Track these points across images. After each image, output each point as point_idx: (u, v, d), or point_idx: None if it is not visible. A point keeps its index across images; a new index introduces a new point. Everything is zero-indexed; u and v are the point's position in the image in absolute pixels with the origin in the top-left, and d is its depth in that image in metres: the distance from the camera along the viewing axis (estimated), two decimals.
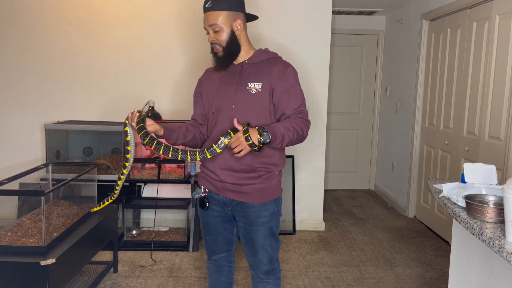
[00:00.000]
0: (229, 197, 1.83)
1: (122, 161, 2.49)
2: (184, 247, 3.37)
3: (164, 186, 3.69)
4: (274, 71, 1.79)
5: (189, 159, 1.71)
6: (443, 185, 1.79)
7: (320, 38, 3.69)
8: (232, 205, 1.84)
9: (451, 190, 1.73)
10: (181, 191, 3.76)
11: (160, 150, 1.67)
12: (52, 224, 2.41)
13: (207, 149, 1.69)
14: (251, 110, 1.77)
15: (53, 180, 2.84)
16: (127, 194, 3.53)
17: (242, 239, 1.91)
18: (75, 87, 3.70)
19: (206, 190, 1.88)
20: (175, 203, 3.58)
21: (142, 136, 1.65)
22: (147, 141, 1.65)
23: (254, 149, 1.64)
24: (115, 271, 2.96)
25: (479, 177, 1.79)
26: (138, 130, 1.66)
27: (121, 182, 1.87)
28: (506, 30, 2.87)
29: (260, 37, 3.58)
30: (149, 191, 3.72)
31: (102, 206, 2.03)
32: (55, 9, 3.61)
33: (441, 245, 3.59)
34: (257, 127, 1.66)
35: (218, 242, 1.96)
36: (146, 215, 3.77)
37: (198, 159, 1.71)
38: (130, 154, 1.76)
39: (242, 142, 1.62)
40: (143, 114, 1.70)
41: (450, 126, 3.63)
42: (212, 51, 1.83)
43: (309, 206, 3.90)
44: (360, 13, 4.93)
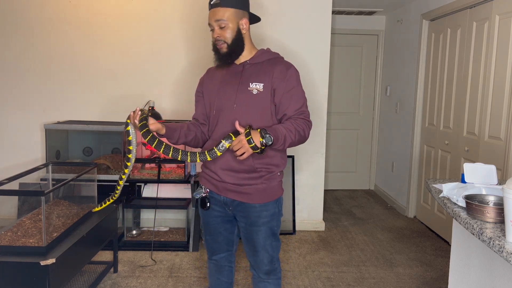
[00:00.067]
0: (230, 197, 1.82)
1: (123, 161, 2.49)
2: (184, 247, 3.37)
3: (164, 186, 3.69)
4: (276, 72, 1.78)
5: (188, 160, 1.71)
6: (443, 185, 1.79)
7: (320, 38, 3.69)
8: (233, 205, 1.84)
9: (451, 190, 1.73)
10: (181, 191, 3.76)
11: (160, 149, 1.67)
12: (52, 224, 2.41)
13: (208, 151, 1.68)
14: (253, 111, 1.77)
15: (53, 180, 2.84)
16: (127, 194, 3.53)
17: (243, 239, 1.91)
18: (75, 87, 3.70)
19: (207, 190, 1.88)
20: (175, 203, 3.57)
21: (144, 133, 1.65)
22: (149, 139, 1.65)
23: (256, 151, 1.63)
24: (115, 271, 2.96)
25: (479, 177, 1.79)
26: (140, 128, 1.65)
27: (122, 182, 1.87)
28: (506, 30, 2.87)
29: (262, 37, 3.58)
30: (149, 191, 3.72)
31: (104, 206, 2.03)
32: (55, 9, 3.61)
33: (441, 245, 3.59)
34: (259, 129, 1.65)
35: (219, 242, 1.96)
36: (146, 215, 3.77)
37: (198, 161, 1.71)
38: (131, 154, 1.76)
39: (244, 145, 1.61)
40: (146, 112, 1.69)
41: (450, 126, 3.63)
42: (214, 49, 1.82)
43: (309, 206, 3.90)
44: (360, 13, 4.93)
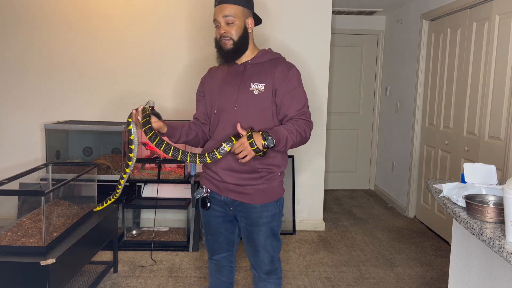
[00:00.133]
0: (230, 197, 1.82)
1: (123, 160, 2.48)
2: (184, 247, 3.37)
3: (164, 186, 3.69)
4: (277, 72, 1.78)
5: (188, 161, 1.70)
6: (443, 185, 1.79)
7: (320, 38, 3.69)
8: (233, 205, 1.84)
9: (451, 190, 1.73)
10: (181, 191, 3.76)
11: (161, 148, 1.67)
12: (52, 224, 2.41)
13: (208, 153, 1.68)
14: (254, 111, 1.77)
15: (53, 180, 2.84)
16: (127, 194, 3.53)
17: (244, 239, 1.91)
18: (75, 87, 3.70)
19: (207, 190, 1.88)
20: (175, 203, 3.57)
21: (146, 130, 1.64)
22: (150, 136, 1.65)
23: (259, 154, 1.63)
24: (115, 271, 2.96)
25: (479, 177, 1.79)
26: (143, 124, 1.64)
27: (123, 181, 1.87)
28: (506, 30, 2.87)
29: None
30: (149, 191, 3.72)
31: (105, 205, 2.03)
32: (55, 9, 3.61)
33: (441, 245, 3.59)
34: (260, 132, 1.64)
35: (220, 242, 1.96)
36: (146, 215, 3.77)
37: (198, 162, 1.70)
38: (133, 153, 1.75)
39: (246, 148, 1.61)
40: (149, 110, 1.69)
41: (450, 126, 3.62)
42: (217, 46, 1.81)
43: (309, 206, 3.90)
44: (360, 13, 4.93)
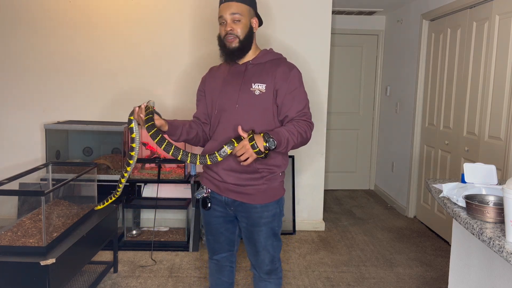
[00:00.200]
0: (231, 197, 1.82)
1: (125, 159, 2.48)
2: (184, 247, 3.37)
3: (164, 186, 3.69)
4: (279, 73, 1.77)
5: (188, 161, 1.70)
6: (443, 185, 1.79)
7: (320, 38, 3.69)
8: (234, 205, 1.84)
9: (451, 190, 1.73)
10: (181, 191, 3.76)
11: (162, 146, 1.67)
12: (52, 224, 2.41)
13: (209, 155, 1.68)
14: (254, 111, 1.77)
15: (53, 180, 2.84)
16: (127, 194, 3.53)
17: (244, 239, 1.91)
18: (75, 87, 3.70)
19: (208, 190, 1.88)
20: (175, 203, 3.57)
21: (148, 127, 1.64)
22: (152, 133, 1.65)
23: (260, 156, 1.63)
24: (115, 271, 2.96)
25: (479, 177, 1.79)
26: (146, 121, 1.65)
27: (124, 179, 1.87)
28: (506, 30, 2.87)
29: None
30: (149, 191, 3.72)
31: (106, 204, 2.03)
32: (55, 8, 3.61)
33: (441, 245, 3.59)
34: (262, 134, 1.64)
35: (220, 242, 1.95)
36: (146, 215, 3.77)
37: (198, 163, 1.70)
38: (134, 152, 1.75)
39: (248, 150, 1.61)
40: (153, 108, 1.69)
41: (450, 126, 3.62)
42: (220, 44, 1.80)
43: (309, 206, 3.90)
44: (360, 13, 4.93)
